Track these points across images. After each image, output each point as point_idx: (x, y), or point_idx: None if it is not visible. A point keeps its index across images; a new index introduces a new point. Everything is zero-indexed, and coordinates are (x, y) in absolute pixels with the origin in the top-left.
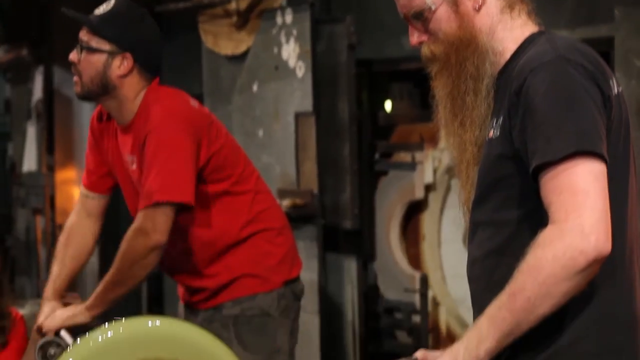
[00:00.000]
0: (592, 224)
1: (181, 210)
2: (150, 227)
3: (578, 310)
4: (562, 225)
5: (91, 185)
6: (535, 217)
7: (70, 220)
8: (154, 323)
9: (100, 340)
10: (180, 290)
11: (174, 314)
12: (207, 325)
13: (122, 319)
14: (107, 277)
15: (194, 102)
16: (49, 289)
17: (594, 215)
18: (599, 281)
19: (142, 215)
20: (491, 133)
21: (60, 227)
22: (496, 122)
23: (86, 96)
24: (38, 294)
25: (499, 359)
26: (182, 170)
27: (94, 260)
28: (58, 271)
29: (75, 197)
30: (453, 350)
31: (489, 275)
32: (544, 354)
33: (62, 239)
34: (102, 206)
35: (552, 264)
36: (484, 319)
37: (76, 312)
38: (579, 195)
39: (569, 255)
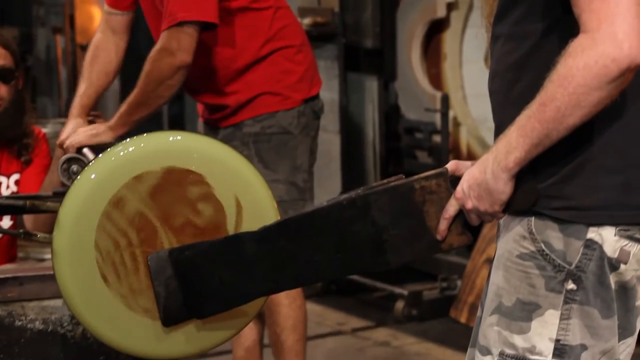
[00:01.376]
0: (625, 31)
1: (205, 29)
2: (175, 46)
3: (604, 122)
4: (594, 34)
5: (114, 2)
6: (557, 29)
7: (95, 38)
8: (175, 137)
9: (122, 154)
10: (199, 107)
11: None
12: (226, 143)
13: (143, 135)
14: (131, 97)
15: None
16: (75, 106)
17: (626, 21)
18: (629, 92)
19: (166, 35)
20: None
21: (81, 46)
22: None
23: None
24: (60, 114)
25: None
26: None
27: (115, 81)
28: (84, 88)
29: (95, 16)
30: (483, 160)
31: (509, 89)
32: (565, 168)
33: (87, 56)
34: (126, 23)
35: (583, 72)
36: (514, 128)
37: (100, 130)
38: (610, 2)
39: (601, 63)
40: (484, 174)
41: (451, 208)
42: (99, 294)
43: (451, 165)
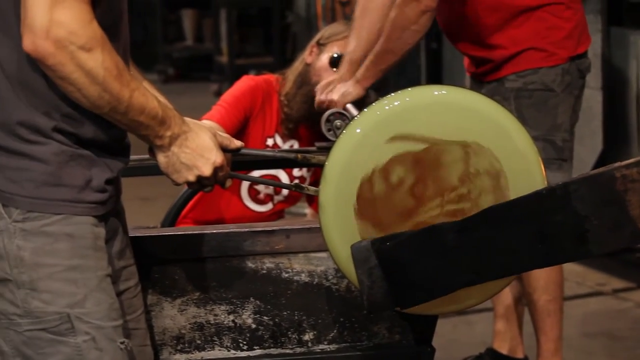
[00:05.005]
0: None
1: None
2: None
3: None
4: None
5: None
6: None
7: None
8: (440, 91)
9: (386, 109)
10: (466, 61)
11: None
12: (489, 97)
13: (407, 89)
14: (377, 46)
15: None
16: (344, 64)
17: None
18: None
19: None
20: None
21: (340, 2)
22: None
23: None
24: None
25: None
26: None
27: None
28: (355, 44)
29: None
30: None
31: None
32: None
33: (357, 10)
34: None
35: None
36: None
37: (348, 88)
38: None
39: None
40: None
41: None
42: None
43: None
